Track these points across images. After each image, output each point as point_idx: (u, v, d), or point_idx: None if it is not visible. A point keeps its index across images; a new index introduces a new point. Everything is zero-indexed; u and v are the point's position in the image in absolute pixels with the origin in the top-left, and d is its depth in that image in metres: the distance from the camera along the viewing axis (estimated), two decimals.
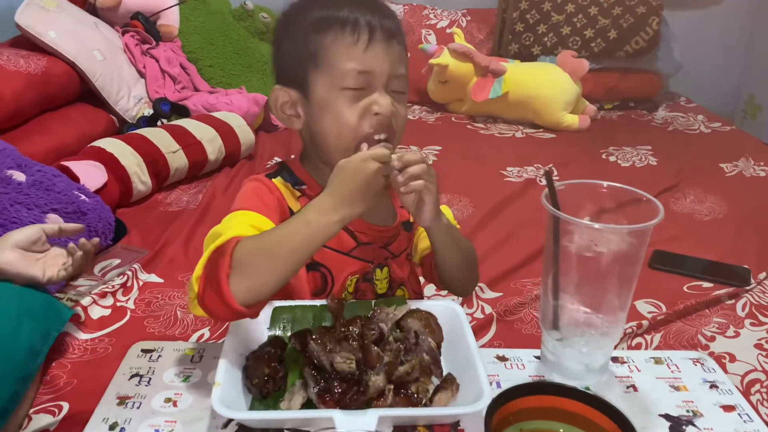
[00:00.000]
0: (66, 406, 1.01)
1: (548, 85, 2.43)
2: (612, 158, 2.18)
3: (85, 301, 1.21)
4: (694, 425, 0.74)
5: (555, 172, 1.99)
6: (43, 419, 0.99)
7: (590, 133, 2.42)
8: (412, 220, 0.96)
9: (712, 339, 1.19)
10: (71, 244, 0.98)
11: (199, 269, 0.71)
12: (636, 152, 2.22)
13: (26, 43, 1.85)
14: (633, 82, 2.72)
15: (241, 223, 0.77)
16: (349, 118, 0.80)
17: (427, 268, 0.99)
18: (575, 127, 2.43)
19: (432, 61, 2.47)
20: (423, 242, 0.98)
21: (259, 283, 0.69)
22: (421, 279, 1.04)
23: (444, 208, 0.97)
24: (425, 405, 0.70)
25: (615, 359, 0.85)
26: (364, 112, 0.80)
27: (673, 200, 1.81)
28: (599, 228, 0.71)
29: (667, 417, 0.75)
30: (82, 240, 0.98)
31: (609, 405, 0.65)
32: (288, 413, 0.67)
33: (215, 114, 2.03)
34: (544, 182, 1.90)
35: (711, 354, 1.11)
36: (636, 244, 0.74)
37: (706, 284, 1.37)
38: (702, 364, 0.85)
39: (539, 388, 0.68)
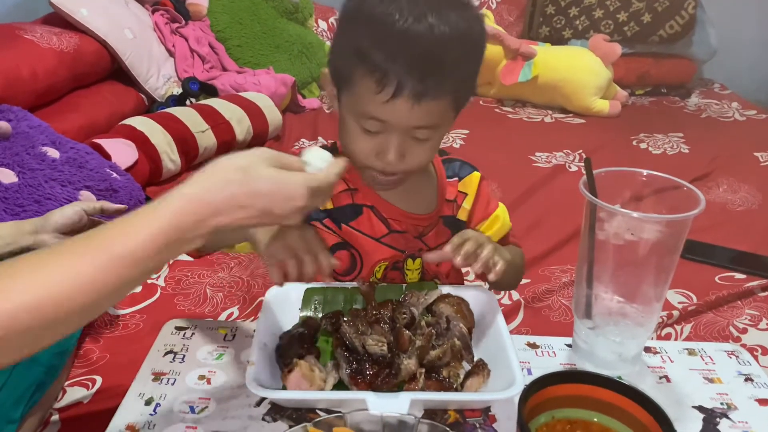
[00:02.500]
0: (99, 379, 1.03)
1: (579, 69, 2.39)
2: (643, 145, 2.14)
3: None
4: (728, 418, 0.73)
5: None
6: (78, 392, 1.02)
7: (621, 120, 2.38)
8: (463, 218, 0.92)
9: (744, 331, 1.18)
10: None
11: None
12: (668, 139, 2.18)
13: (59, 20, 1.86)
14: (666, 68, 2.66)
15: None
16: (361, 150, 0.79)
17: None
18: (606, 112, 2.39)
19: None
20: None
21: None
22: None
23: (501, 210, 0.95)
24: (456, 389, 0.70)
25: (647, 349, 0.84)
26: (374, 151, 0.78)
27: (705, 189, 1.77)
28: (638, 217, 0.70)
29: (700, 409, 0.74)
30: None
31: (643, 395, 0.64)
32: (321, 394, 0.68)
33: (243, 94, 2.03)
34: (573, 168, 1.89)
35: (743, 346, 1.09)
36: (675, 234, 0.72)
37: (738, 275, 1.35)
38: (737, 356, 0.84)
39: (572, 376, 0.67)
